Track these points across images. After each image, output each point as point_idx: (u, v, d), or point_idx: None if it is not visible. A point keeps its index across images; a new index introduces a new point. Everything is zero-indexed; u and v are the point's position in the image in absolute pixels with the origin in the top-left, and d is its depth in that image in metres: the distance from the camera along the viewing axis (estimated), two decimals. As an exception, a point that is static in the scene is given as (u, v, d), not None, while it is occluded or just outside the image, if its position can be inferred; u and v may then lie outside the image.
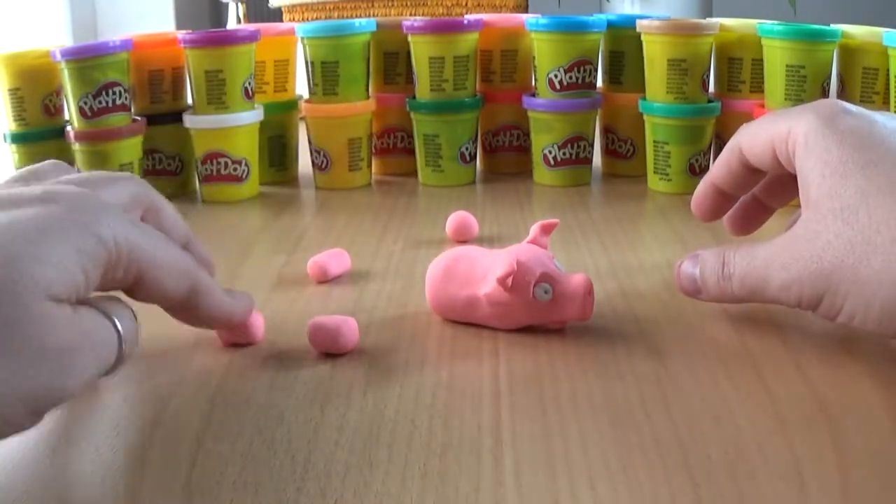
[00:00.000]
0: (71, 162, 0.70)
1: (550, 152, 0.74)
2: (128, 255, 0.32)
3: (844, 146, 0.38)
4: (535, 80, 0.75)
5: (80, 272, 0.30)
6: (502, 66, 0.77)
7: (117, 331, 0.32)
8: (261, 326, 0.42)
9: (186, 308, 0.37)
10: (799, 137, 0.39)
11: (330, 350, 0.40)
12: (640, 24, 0.71)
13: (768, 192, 0.47)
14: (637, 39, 0.72)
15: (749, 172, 0.44)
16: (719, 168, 0.45)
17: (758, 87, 0.70)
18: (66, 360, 0.29)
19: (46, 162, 0.37)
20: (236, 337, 0.41)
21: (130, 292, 0.34)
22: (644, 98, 0.72)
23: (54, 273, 0.29)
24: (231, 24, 1.61)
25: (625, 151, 0.77)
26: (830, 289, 0.37)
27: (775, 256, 0.39)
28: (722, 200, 0.47)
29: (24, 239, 0.29)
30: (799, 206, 0.40)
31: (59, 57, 0.67)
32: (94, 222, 0.31)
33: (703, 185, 0.47)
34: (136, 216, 0.37)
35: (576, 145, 0.74)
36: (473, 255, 0.43)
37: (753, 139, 0.43)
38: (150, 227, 0.35)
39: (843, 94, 0.67)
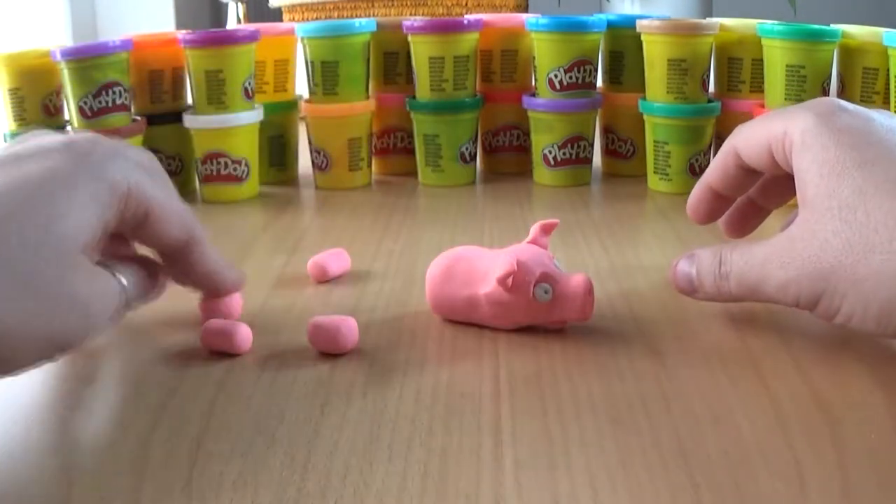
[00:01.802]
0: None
1: (550, 152, 0.74)
2: (136, 196, 0.36)
3: (841, 145, 0.38)
4: (535, 80, 0.75)
5: (99, 220, 0.35)
6: (502, 66, 0.77)
7: (121, 285, 0.37)
8: (248, 338, 0.41)
9: (183, 255, 0.40)
10: (795, 137, 0.39)
11: (330, 350, 0.40)
12: (640, 24, 0.71)
13: (764, 194, 0.47)
14: (637, 39, 0.72)
15: (745, 174, 0.44)
16: (715, 170, 0.45)
17: (758, 87, 0.70)
18: (86, 308, 0.34)
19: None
20: (221, 343, 0.40)
21: (135, 234, 0.38)
22: (644, 98, 0.72)
23: (82, 226, 0.34)
24: (231, 24, 1.61)
25: (625, 151, 0.77)
26: (829, 289, 0.37)
27: (773, 256, 0.39)
28: (718, 203, 0.47)
29: (49, 196, 0.34)
30: (796, 206, 0.40)
31: (59, 57, 0.67)
32: (109, 168, 0.36)
33: (699, 188, 0.47)
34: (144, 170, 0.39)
35: (576, 145, 0.74)
36: (473, 255, 0.43)
37: (749, 140, 0.42)
38: (158, 173, 0.39)
39: (843, 94, 0.67)
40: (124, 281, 0.37)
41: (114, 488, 0.30)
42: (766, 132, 0.41)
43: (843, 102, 0.40)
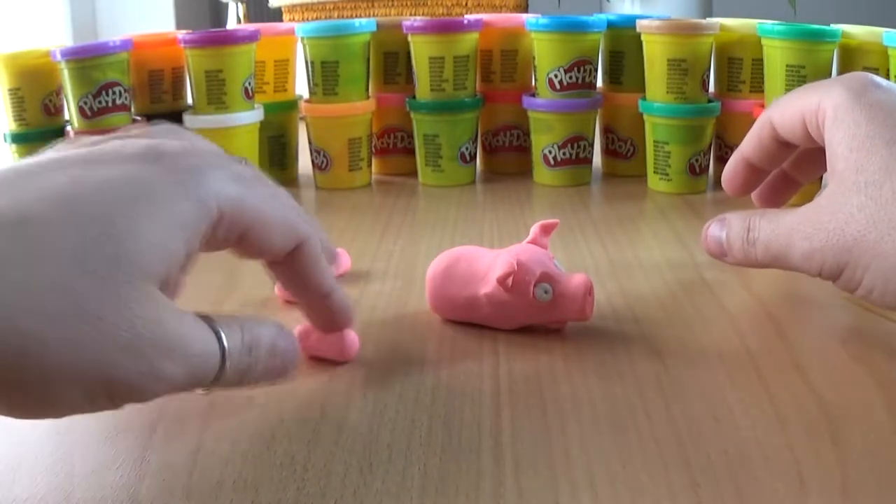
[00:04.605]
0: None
1: (550, 152, 0.74)
2: (230, 215, 0.31)
3: (873, 121, 0.39)
4: (535, 80, 0.75)
5: (182, 245, 0.29)
6: (502, 66, 0.77)
7: (222, 346, 0.30)
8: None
9: (289, 264, 0.35)
10: (828, 111, 0.40)
11: (331, 357, 0.39)
12: (640, 24, 0.71)
13: (798, 167, 0.48)
14: (637, 39, 0.72)
15: (780, 146, 0.45)
16: (750, 142, 0.46)
17: (758, 87, 0.70)
18: (155, 360, 0.27)
19: (162, 126, 0.35)
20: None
21: (235, 249, 0.33)
22: (644, 98, 0.72)
23: (155, 253, 0.28)
24: (231, 24, 1.61)
25: (625, 151, 0.77)
26: (851, 261, 0.37)
27: (799, 225, 0.40)
28: (753, 175, 0.48)
29: (125, 209, 0.28)
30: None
31: (59, 57, 0.67)
32: (197, 184, 0.30)
33: (734, 160, 0.48)
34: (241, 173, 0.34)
35: (576, 145, 0.74)
36: (473, 255, 0.43)
37: (784, 112, 0.43)
38: (256, 179, 0.33)
39: (843, 94, 0.66)
40: (225, 341, 0.30)
41: (114, 488, 0.30)
42: (800, 105, 0.42)
43: (878, 78, 0.41)
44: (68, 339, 0.26)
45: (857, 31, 0.65)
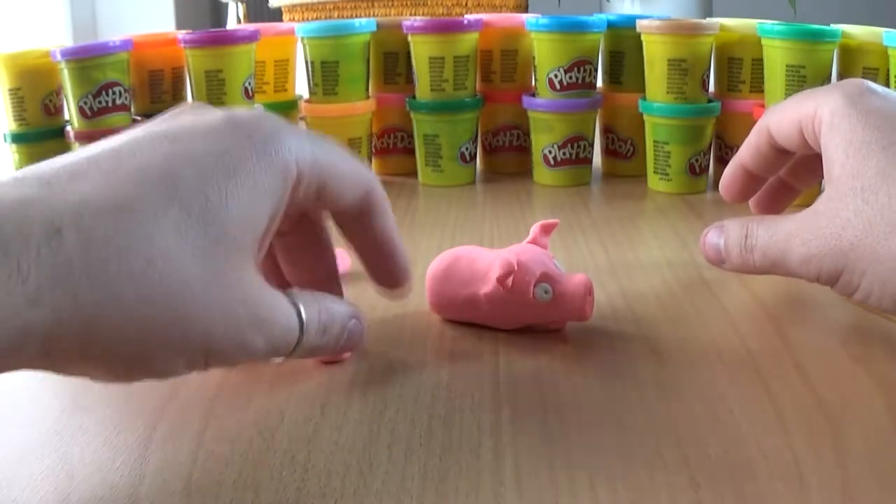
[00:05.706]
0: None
1: (550, 152, 0.74)
2: (309, 173, 0.33)
3: (868, 126, 0.39)
4: (535, 80, 0.75)
5: (269, 213, 0.31)
6: (502, 66, 0.77)
7: (300, 320, 0.33)
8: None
9: (360, 221, 0.37)
10: (825, 117, 0.40)
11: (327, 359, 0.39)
12: (640, 24, 0.71)
13: (795, 174, 0.48)
14: (637, 39, 0.72)
15: (777, 153, 0.45)
16: (748, 149, 0.46)
17: (758, 87, 0.70)
18: (248, 335, 0.30)
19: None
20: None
21: (313, 205, 0.35)
22: (644, 98, 0.72)
23: (248, 226, 0.30)
24: (231, 24, 1.61)
25: (625, 151, 0.77)
26: (848, 266, 0.38)
27: (796, 231, 0.40)
28: (750, 182, 0.48)
29: (218, 184, 0.29)
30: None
31: (59, 57, 0.67)
32: (277, 149, 0.32)
33: (732, 167, 0.48)
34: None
35: (576, 145, 0.74)
36: (473, 255, 0.43)
37: (781, 119, 0.43)
38: (324, 138, 0.35)
39: (843, 94, 0.66)
40: (305, 319, 0.33)
41: (114, 488, 0.30)
42: (797, 112, 0.42)
43: (873, 84, 0.41)
44: (177, 319, 0.28)
45: (857, 31, 0.65)
